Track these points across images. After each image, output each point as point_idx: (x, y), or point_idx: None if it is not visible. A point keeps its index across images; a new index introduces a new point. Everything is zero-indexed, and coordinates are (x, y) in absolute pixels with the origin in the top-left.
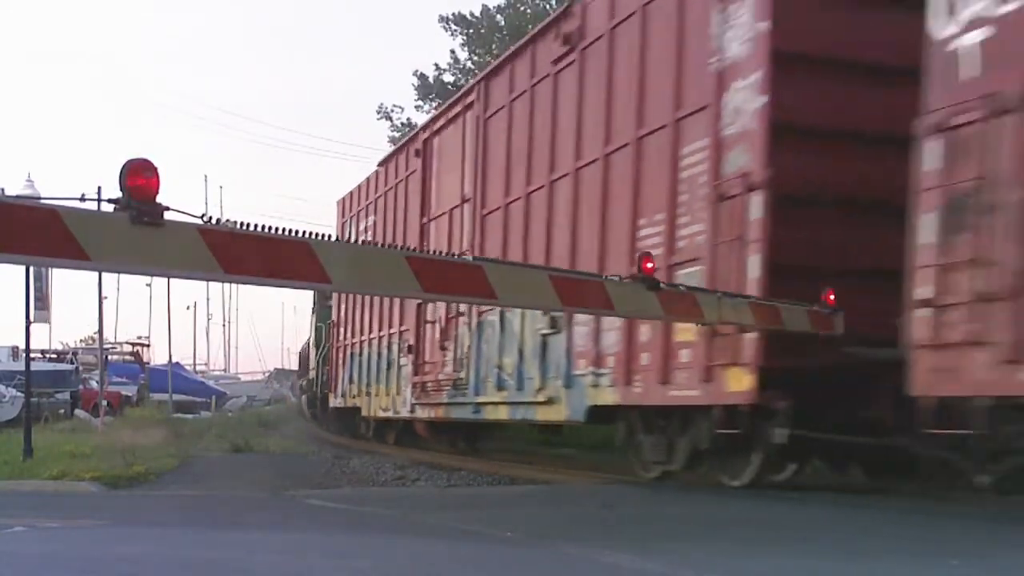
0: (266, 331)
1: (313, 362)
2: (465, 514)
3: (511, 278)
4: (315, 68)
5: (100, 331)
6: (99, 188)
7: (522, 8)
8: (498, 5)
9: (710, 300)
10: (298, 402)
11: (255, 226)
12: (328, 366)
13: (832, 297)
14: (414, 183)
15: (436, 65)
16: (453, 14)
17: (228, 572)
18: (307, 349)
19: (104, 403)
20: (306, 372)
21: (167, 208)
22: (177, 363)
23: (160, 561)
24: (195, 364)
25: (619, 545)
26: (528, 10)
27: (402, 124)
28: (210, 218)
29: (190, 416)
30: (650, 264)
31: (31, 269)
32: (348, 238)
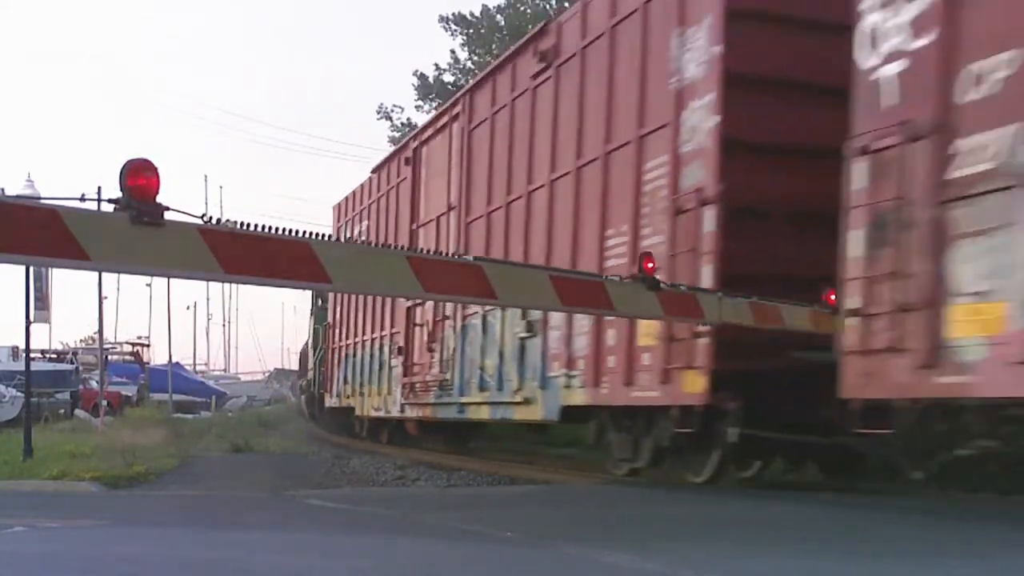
0: (266, 331)
1: (311, 363)
2: (465, 514)
3: (511, 278)
4: (315, 68)
5: (100, 331)
6: (99, 188)
7: (522, 8)
8: (498, 5)
9: (710, 300)
10: (298, 402)
11: (255, 226)
12: (324, 367)
13: (833, 297)
14: (405, 190)
15: (436, 65)
16: (453, 14)
17: (228, 572)
18: (307, 350)
19: (104, 403)
20: (305, 372)
21: (167, 208)
22: (177, 363)
23: (160, 561)
24: (195, 364)
25: (619, 545)
26: (528, 10)
27: (402, 124)
28: (210, 218)
29: (190, 416)
30: (651, 264)
31: (31, 269)
32: None
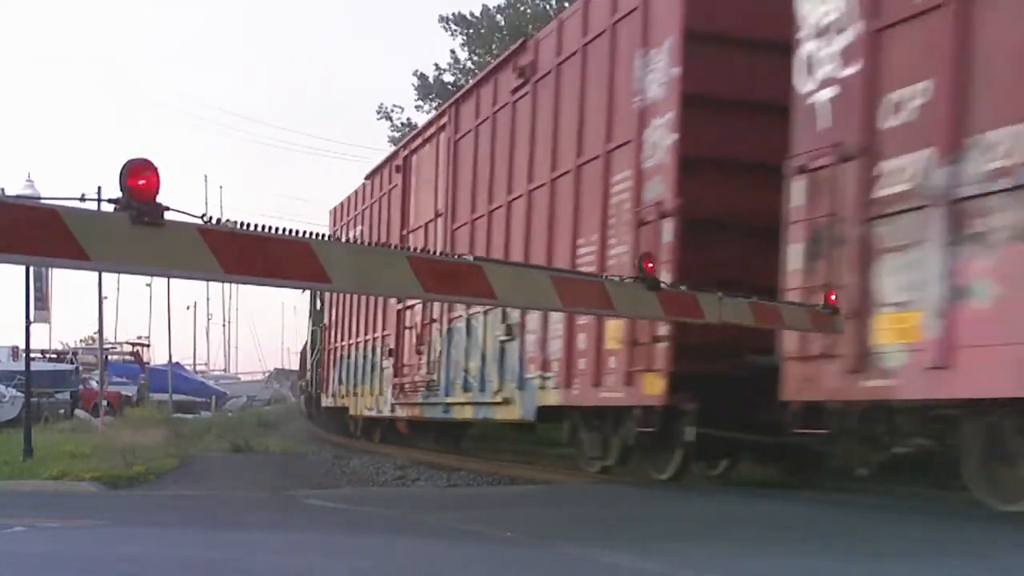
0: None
1: (308, 364)
2: (465, 514)
3: (511, 278)
4: (315, 68)
5: (100, 331)
6: (99, 188)
7: (522, 8)
8: (498, 5)
9: (710, 300)
10: (298, 402)
11: (255, 226)
12: (321, 368)
13: (833, 298)
14: (396, 197)
15: (436, 65)
16: (453, 14)
17: (228, 572)
18: (306, 350)
19: (104, 403)
20: (304, 373)
21: (167, 208)
22: (177, 363)
23: (160, 561)
24: (195, 364)
25: (619, 545)
26: (528, 10)
27: (402, 124)
28: (210, 218)
29: (190, 416)
30: (650, 264)
31: (31, 269)
32: None
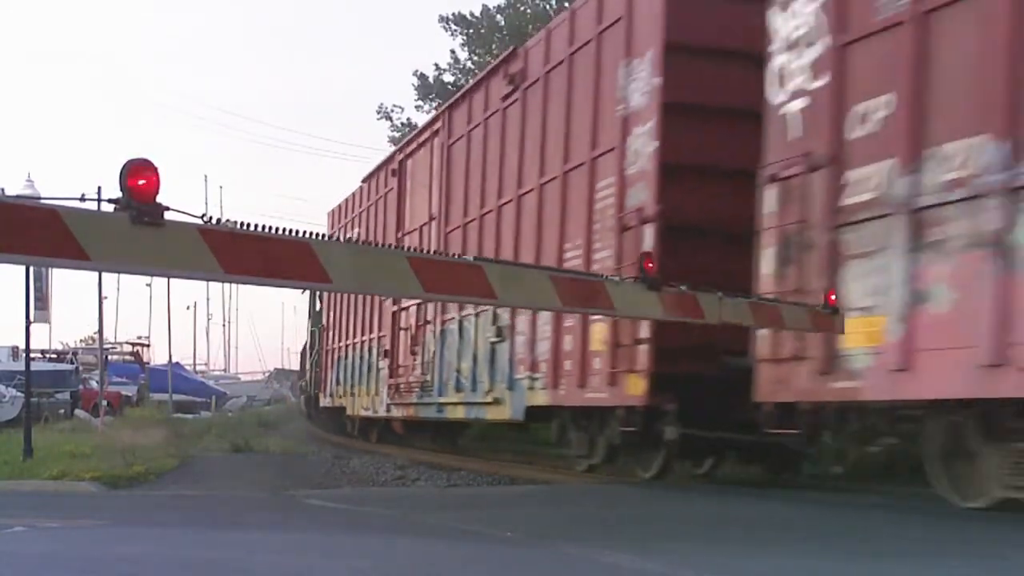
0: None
1: (308, 364)
2: (465, 514)
3: (511, 278)
4: (315, 68)
5: (100, 331)
6: (99, 188)
7: (522, 8)
8: (498, 5)
9: (711, 300)
10: (297, 402)
11: (255, 226)
12: (319, 368)
13: (833, 298)
14: (391, 200)
15: (436, 65)
16: (453, 14)
17: (228, 572)
18: (306, 351)
19: (104, 403)
20: (304, 373)
21: (167, 208)
22: (177, 363)
23: (160, 561)
24: (195, 364)
25: (619, 545)
26: (528, 10)
27: (402, 124)
28: (210, 218)
29: (190, 416)
30: (650, 264)
31: (31, 269)
32: None
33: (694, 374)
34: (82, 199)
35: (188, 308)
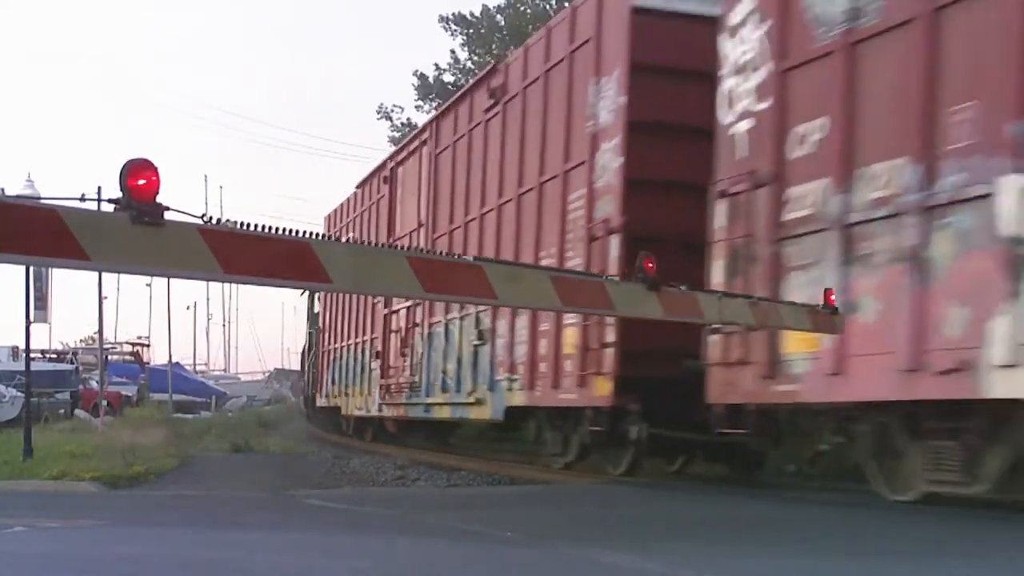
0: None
1: (306, 365)
2: (465, 514)
3: (511, 278)
4: (315, 68)
5: (100, 331)
6: (99, 188)
7: (522, 8)
8: (498, 5)
9: (711, 300)
10: (297, 402)
11: (255, 226)
12: (315, 369)
13: (833, 298)
14: (383, 206)
15: (436, 65)
16: (453, 14)
17: (228, 572)
18: (305, 351)
19: (104, 403)
20: (303, 374)
21: (167, 208)
22: (177, 363)
23: (160, 561)
24: (195, 364)
25: (619, 545)
26: (528, 10)
27: (402, 124)
28: (210, 218)
29: (190, 416)
30: (650, 264)
31: (31, 269)
32: None
33: (657, 376)
34: (82, 199)
35: (188, 308)
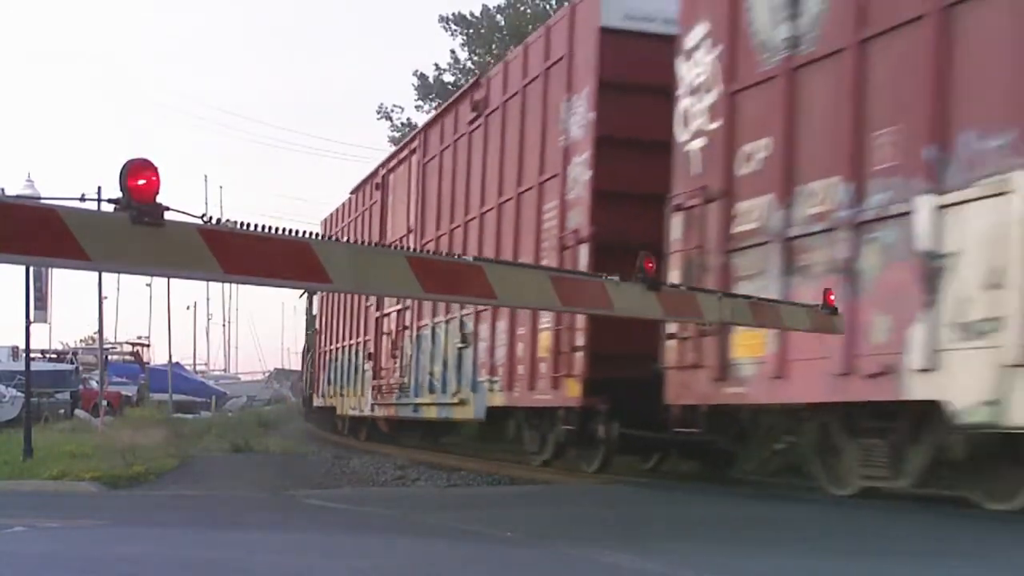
0: (266, 331)
1: (304, 365)
2: (465, 514)
3: (511, 278)
4: (315, 68)
5: (100, 331)
6: (99, 188)
7: (522, 8)
8: (498, 5)
9: (711, 300)
10: (297, 402)
11: (255, 226)
12: (312, 370)
13: (832, 298)
14: (376, 212)
15: (436, 65)
16: (453, 14)
17: (228, 572)
18: (304, 352)
19: (104, 403)
20: (302, 374)
21: (167, 208)
22: (177, 363)
23: (160, 561)
24: (195, 364)
25: (619, 545)
26: (528, 10)
27: (402, 124)
28: (210, 218)
29: (190, 416)
30: (651, 264)
31: (31, 269)
32: None
33: (626, 378)
34: (82, 199)
35: (188, 308)
